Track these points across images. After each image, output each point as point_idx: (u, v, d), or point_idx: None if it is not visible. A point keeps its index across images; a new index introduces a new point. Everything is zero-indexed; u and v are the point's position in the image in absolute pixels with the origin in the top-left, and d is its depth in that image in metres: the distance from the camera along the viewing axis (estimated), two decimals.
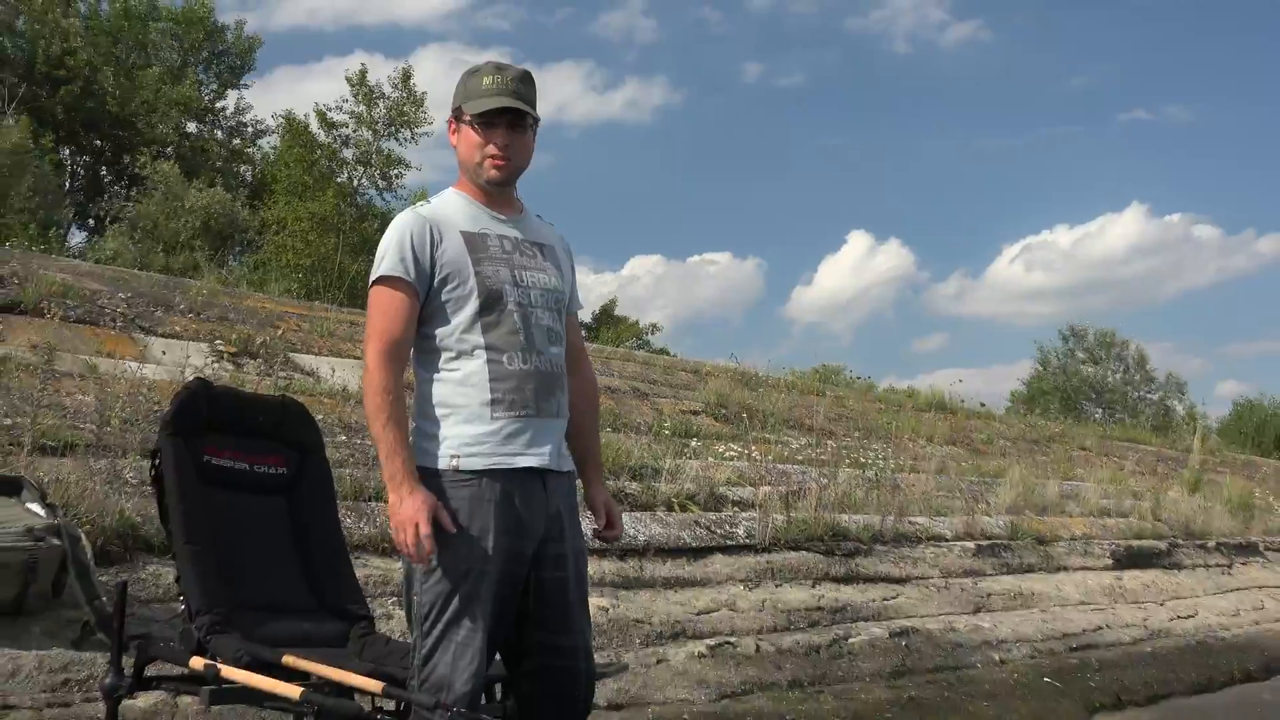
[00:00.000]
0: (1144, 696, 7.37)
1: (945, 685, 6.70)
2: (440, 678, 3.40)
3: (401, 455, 3.37)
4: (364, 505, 6.28)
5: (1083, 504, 12.54)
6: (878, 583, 8.17)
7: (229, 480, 4.12)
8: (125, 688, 3.86)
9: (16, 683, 4.22)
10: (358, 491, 6.44)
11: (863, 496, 9.71)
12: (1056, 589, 9.31)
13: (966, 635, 7.65)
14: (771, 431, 12.68)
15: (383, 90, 32.44)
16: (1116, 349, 52.81)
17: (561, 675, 3.61)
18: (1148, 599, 9.81)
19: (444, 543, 3.43)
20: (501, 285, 3.53)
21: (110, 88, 34.36)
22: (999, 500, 11.33)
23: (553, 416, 3.60)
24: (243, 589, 3.93)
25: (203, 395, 4.12)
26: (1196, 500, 13.63)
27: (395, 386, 3.44)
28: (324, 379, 9.50)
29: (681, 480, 8.65)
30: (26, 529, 4.46)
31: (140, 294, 11.02)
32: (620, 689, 5.55)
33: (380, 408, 3.39)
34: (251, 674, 3.48)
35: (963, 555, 9.23)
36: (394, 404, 3.41)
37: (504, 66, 3.62)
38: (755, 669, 6.26)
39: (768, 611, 7.06)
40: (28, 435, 5.97)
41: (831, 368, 23.79)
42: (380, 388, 3.41)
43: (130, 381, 7.55)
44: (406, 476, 3.36)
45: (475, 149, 3.58)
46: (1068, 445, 18.88)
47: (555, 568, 3.58)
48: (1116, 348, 52.80)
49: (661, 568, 7.15)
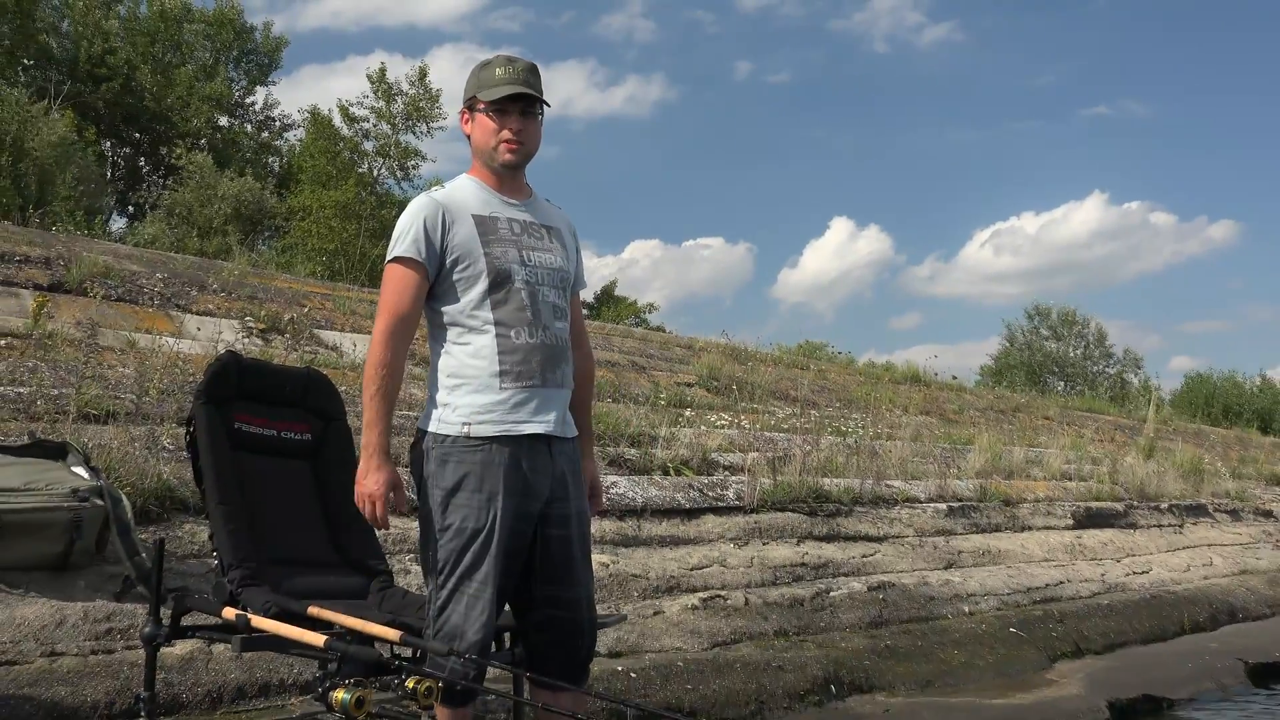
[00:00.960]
0: (1101, 645, 7.39)
1: (919, 635, 6.71)
2: (454, 627, 3.41)
3: (379, 428, 3.41)
4: None
5: (1046, 469, 12.55)
6: (857, 541, 8.18)
7: (258, 445, 4.12)
8: (163, 636, 3.88)
9: (63, 631, 4.23)
10: None
11: (843, 462, 9.71)
12: (1021, 547, 9.33)
13: (939, 589, 7.66)
14: (759, 402, 12.67)
15: (401, 87, 32.57)
16: (1078, 327, 52.81)
17: (566, 625, 3.62)
18: (1105, 556, 9.83)
19: (457, 503, 3.44)
20: (510, 265, 3.52)
21: (148, 84, 34.35)
22: (969, 465, 11.34)
23: (557, 387, 3.60)
24: (271, 545, 3.92)
25: (233, 367, 4.11)
26: (1151, 465, 13.64)
27: (394, 362, 3.45)
28: (346, 353, 9.49)
29: (676, 447, 8.65)
30: (72, 490, 4.47)
31: (176, 275, 11.00)
32: (620, 638, 5.56)
33: (372, 379, 3.42)
34: (279, 623, 3.49)
35: (935, 516, 9.24)
36: (387, 379, 3.42)
37: (514, 59, 3.61)
38: (744, 620, 6.26)
39: (755, 567, 7.06)
40: (73, 404, 5.99)
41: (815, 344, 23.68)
42: (378, 362, 3.43)
43: (167, 355, 7.53)
44: (378, 450, 3.41)
45: (490, 134, 3.58)
46: (1032, 415, 18.91)
47: (560, 526, 3.58)
48: (1078, 325, 52.80)
49: (658, 527, 7.15)
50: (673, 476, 8.09)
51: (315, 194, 30.52)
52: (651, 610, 6.04)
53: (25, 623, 4.20)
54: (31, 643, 4.13)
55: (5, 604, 4.27)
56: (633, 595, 6.18)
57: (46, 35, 32.98)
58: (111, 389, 6.55)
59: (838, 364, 20.70)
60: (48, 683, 3.88)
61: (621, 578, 6.29)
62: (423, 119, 32.76)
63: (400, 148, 32.94)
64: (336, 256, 26.03)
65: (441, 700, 3.33)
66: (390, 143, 32.96)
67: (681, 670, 5.32)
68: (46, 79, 31.16)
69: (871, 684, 5.84)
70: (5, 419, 5.74)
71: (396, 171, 33.32)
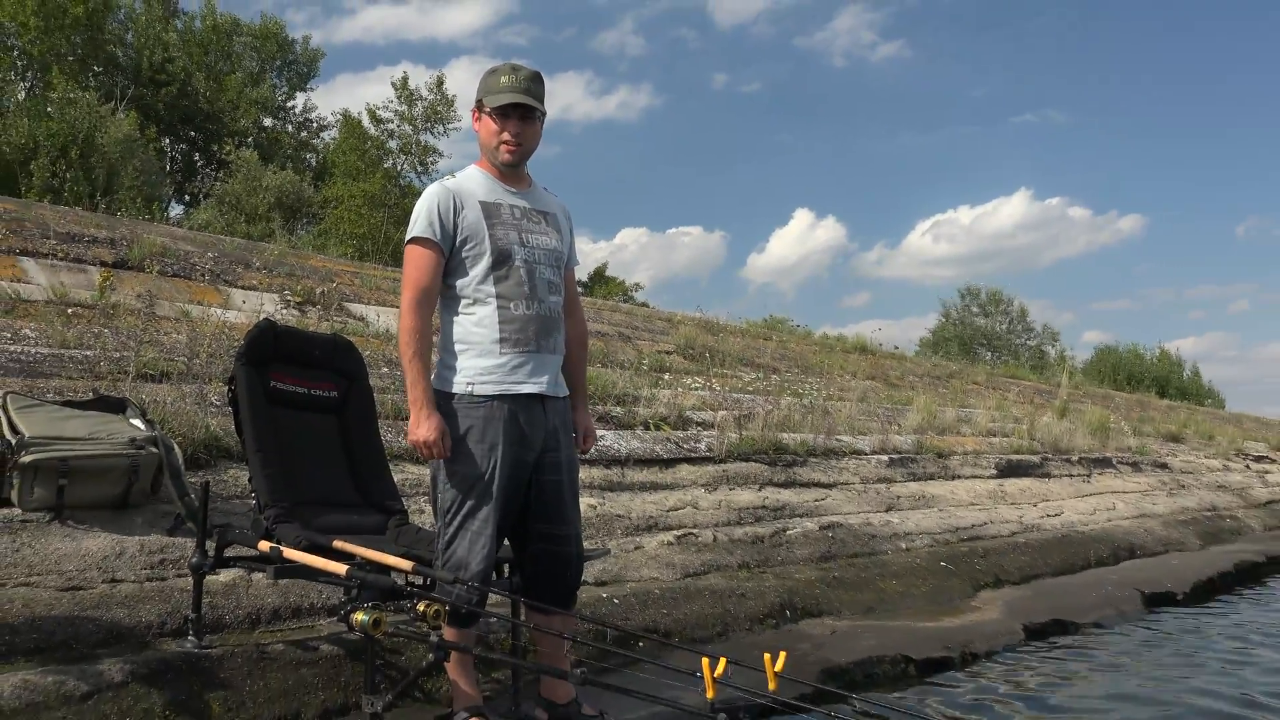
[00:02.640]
0: (1018, 577, 7.42)
1: (862, 567, 6.73)
2: (459, 559, 3.41)
3: (422, 384, 3.41)
4: (401, 423, 6.22)
5: (974, 426, 12.60)
6: (810, 487, 8.19)
7: (291, 401, 4.09)
8: (209, 566, 3.89)
9: (122, 561, 4.20)
10: (396, 412, 6.40)
11: (800, 419, 9.72)
12: (951, 493, 9.35)
13: (880, 529, 7.67)
14: (728, 368, 12.68)
15: (421, 93, 32.73)
16: (1003, 305, 52.95)
17: (557, 558, 3.62)
18: (1023, 501, 9.86)
19: (462, 452, 3.45)
20: (511, 246, 3.52)
21: (202, 89, 34.33)
22: (907, 423, 11.37)
23: (551, 352, 3.59)
24: (301, 488, 3.90)
25: (270, 333, 4.08)
26: (1064, 424, 13.69)
27: (423, 328, 3.45)
28: (371, 323, 9.45)
29: (656, 405, 8.64)
30: (130, 439, 4.45)
31: (225, 254, 10.93)
32: (605, 569, 5.56)
33: (408, 344, 3.42)
34: (308, 555, 3.48)
35: (878, 466, 9.26)
36: (420, 341, 3.42)
37: (518, 67, 3.58)
38: (712, 554, 6.27)
39: (723, 509, 7.07)
40: (133, 365, 5.96)
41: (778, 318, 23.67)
42: (410, 329, 3.43)
43: (215, 324, 7.48)
44: (425, 402, 3.41)
45: (493, 135, 3.56)
46: (963, 380, 18.95)
47: (552, 472, 3.59)
48: (1003, 304, 52.93)
49: (639, 474, 7.14)
50: (653, 431, 8.09)
51: (346, 186, 30.60)
52: (633, 546, 6.04)
53: (89, 554, 4.18)
54: (95, 571, 4.10)
55: (73, 537, 4.24)
56: (616, 533, 6.17)
57: (114, 46, 32.90)
58: (166, 352, 6.51)
59: (797, 336, 20.72)
60: (108, 605, 3.86)
61: (607, 518, 6.29)
62: (440, 121, 33.02)
63: (420, 146, 33.16)
64: (364, 240, 26.17)
65: (448, 621, 3.35)
66: (411, 141, 33.11)
67: (658, 597, 5.32)
68: (113, 84, 31.06)
69: (821, 609, 5.85)
70: (74, 377, 5.69)
71: (417, 166, 33.44)
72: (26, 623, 3.62)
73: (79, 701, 3.26)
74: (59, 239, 9.17)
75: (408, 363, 3.41)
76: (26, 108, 23.87)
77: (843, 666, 4.81)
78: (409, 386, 3.42)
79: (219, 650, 3.74)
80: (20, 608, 3.70)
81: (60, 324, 6.59)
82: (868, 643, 5.22)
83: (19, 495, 4.24)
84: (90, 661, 3.47)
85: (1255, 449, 18.86)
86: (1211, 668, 5.48)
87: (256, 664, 3.72)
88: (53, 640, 3.58)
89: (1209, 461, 15.83)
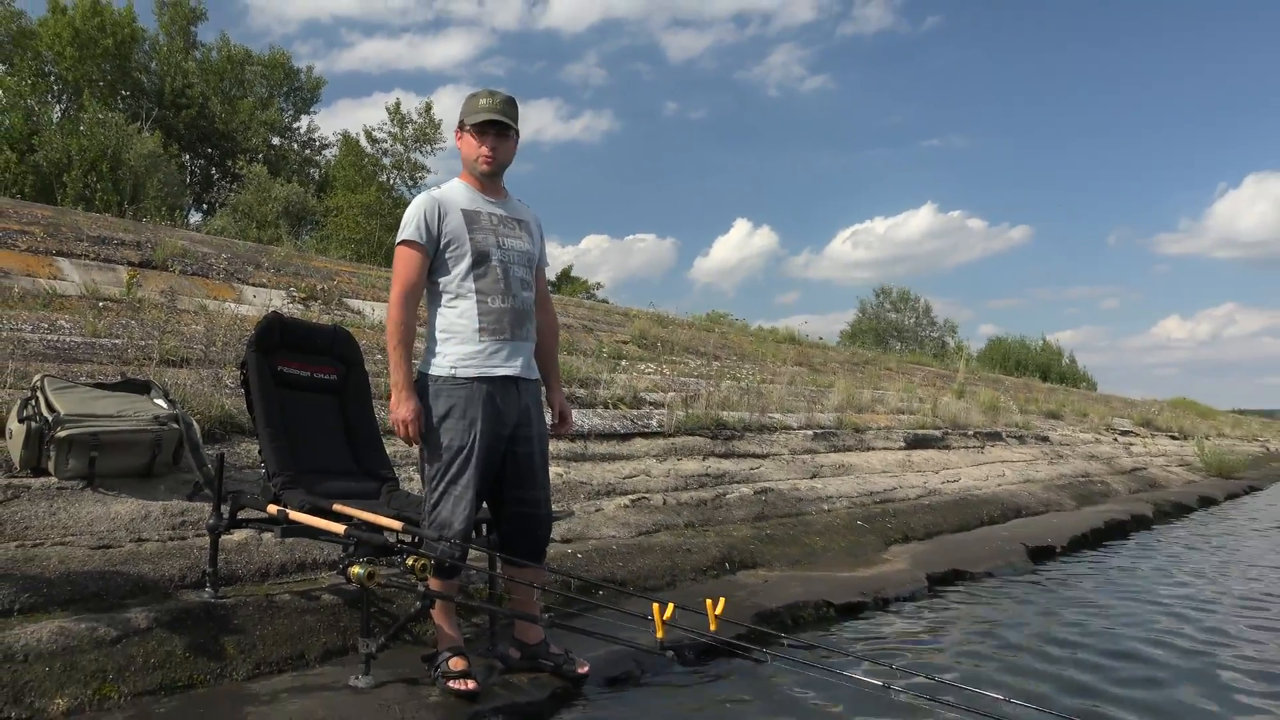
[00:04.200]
0: (923, 533, 7.50)
1: (791, 526, 6.76)
2: (443, 520, 3.40)
3: (404, 370, 3.41)
4: None
5: (886, 405, 12.70)
6: (747, 458, 8.22)
7: (296, 383, 4.04)
8: (223, 527, 3.84)
9: (147, 523, 4.14)
10: (389, 394, 6.32)
11: (738, 400, 9.75)
12: (866, 462, 9.43)
13: (806, 493, 7.72)
14: (677, 356, 12.68)
15: (411, 117, 32.57)
16: (912, 302, 53.44)
17: (529, 519, 3.62)
18: (927, 469, 9.97)
19: (446, 427, 3.43)
20: (489, 248, 3.50)
21: (218, 112, 33.90)
22: (829, 402, 11.44)
23: (524, 340, 3.58)
24: (305, 459, 3.86)
25: (277, 324, 4.03)
26: (961, 403, 13.84)
27: (408, 320, 3.44)
28: (367, 316, 9.35)
29: (614, 388, 8.63)
30: (154, 417, 4.37)
31: (238, 256, 10.76)
32: (570, 529, 5.55)
33: (394, 334, 3.42)
34: (311, 517, 3.46)
35: (804, 439, 9.31)
36: (404, 332, 3.42)
37: (495, 92, 3.57)
38: (662, 515, 6.28)
39: (672, 477, 7.07)
40: (156, 352, 5.87)
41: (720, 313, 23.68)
42: (396, 320, 3.42)
43: (229, 316, 7.37)
44: (406, 386, 3.42)
45: (473, 149, 3.55)
46: (877, 367, 19.11)
47: (524, 445, 3.58)
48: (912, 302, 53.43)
49: (599, 447, 7.13)
50: (611, 409, 8.07)
51: (345, 197, 30.34)
52: (594, 508, 6.04)
53: (118, 517, 4.11)
54: (123, 532, 4.04)
55: (104, 502, 4.17)
56: (580, 497, 6.17)
57: (140, 73, 32.46)
58: (186, 341, 6.40)
59: (736, 328, 20.77)
60: (135, 561, 3.80)
61: (572, 484, 6.27)
62: (427, 141, 32.95)
63: (410, 163, 33.06)
64: (361, 244, 25.98)
65: (434, 574, 3.33)
66: (403, 159, 32.99)
67: (615, 552, 5.32)
68: (139, 107, 30.60)
69: (755, 562, 5.88)
70: (104, 363, 5.59)
71: (407, 181, 33.29)
72: (62, 577, 3.56)
73: (109, 645, 3.21)
74: (91, 242, 8.99)
75: (392, 350, 3.40)
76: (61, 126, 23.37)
77: (774, 610, 4.83)
78: (392, 370, 3.41)
79: (233, 600, 3.70)
80: (56, 564, 3.64)
81: (92, 316, 6.46)
82: (795, 590, 5.25)
83: (55, 466, 4.17)
84: (119, 610, 3.42)
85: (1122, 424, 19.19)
86: (1080, 606, 5.57)
87: (266, 612, 3.68)
88: (85, 592, 3.53)
89: (1083, 435, 16.08)
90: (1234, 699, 3.88)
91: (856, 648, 4.48)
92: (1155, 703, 3.80)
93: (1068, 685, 4.01)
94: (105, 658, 3.16)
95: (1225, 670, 4.30)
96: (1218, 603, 5.83)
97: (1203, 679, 4.15)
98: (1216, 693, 3.95)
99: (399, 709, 3.15)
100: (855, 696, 3.59)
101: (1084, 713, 3.57)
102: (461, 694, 3.28)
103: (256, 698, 3.18)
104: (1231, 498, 13.67)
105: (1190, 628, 5.11)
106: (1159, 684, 4.06)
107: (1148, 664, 4.37)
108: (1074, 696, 3.84)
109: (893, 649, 4.52)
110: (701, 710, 3.55)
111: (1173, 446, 18.86)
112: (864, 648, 4.51)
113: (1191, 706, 3.77)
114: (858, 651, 4.38)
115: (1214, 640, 4.85)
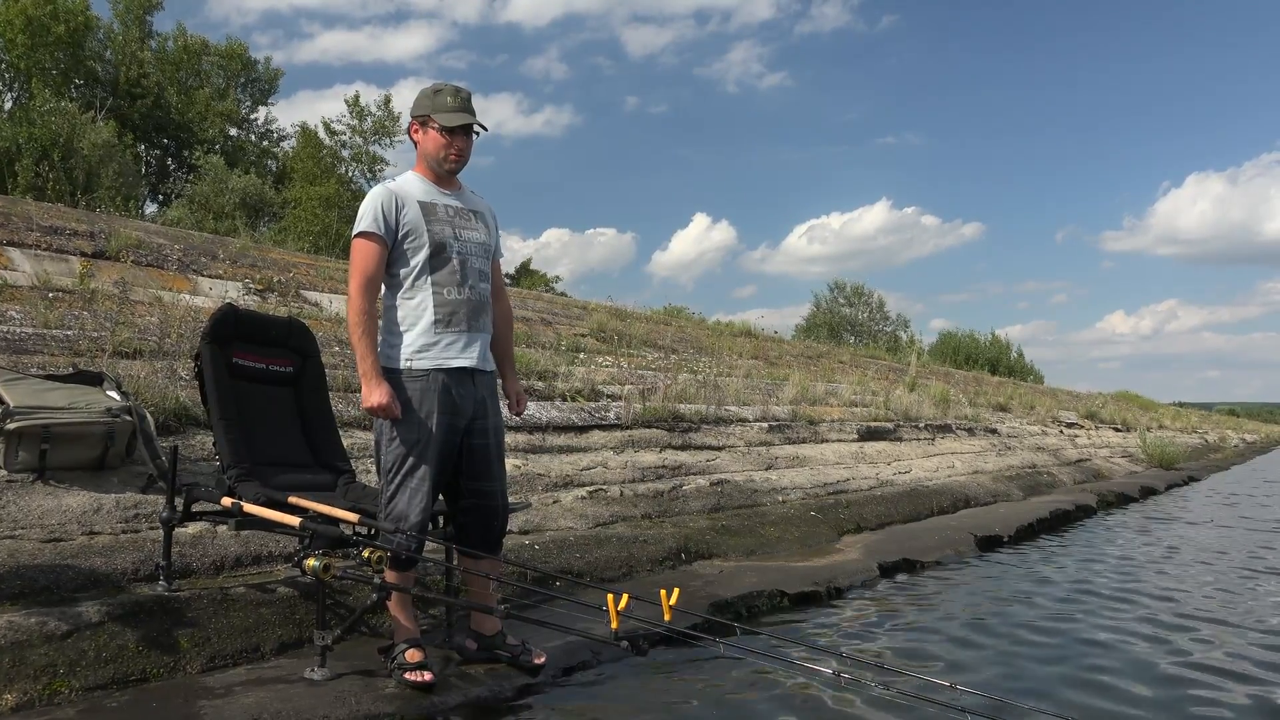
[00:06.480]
0: (875, 523, 7.57)
1: (746, 517, 6.80)
2: (400, 512, 3.37)
3: (370, 358, 3.35)
4: (351, 395, 6.13)
5: (839, 398, 12.80)
6: (703, 450, 8.25)
7: (251, 375, 3.99)
8: (177, 519, 3.78)
9: (100, 516, 4.06)
10: (346, 385, 6.28)
11: (694, 392, 9.78)
12: (820, 454, 9.50)
13: (761, 484, 7.76)
14: (634, 349, 12.68)
15: (371, 110, 32.22)
16: (865, 297, 53.93)
17: (486, 511, 3.60)
18: (880, 460, 10.06)
19: (403, 420, 3.39)
20: (446, 239, 3.48)
21: (174, 102, 33.44)
22: (784, 395, 11.50)
23: (480, 332, 3.56)
24: (260, 450, 3.81)
25: (232, 315, 3.97)
26: (913, 396, 13.99)
27: (369, 309, 3.39)
28: (324, 308, 9.25)
29: (572, 380, 8.62)
30: (106, 409, 4.29)
31: (194, 247, 10.60)
32: (528, 520, 5.53)
33: (357, 324, 3.36)
34: (266, 509, 3.41)
35: (760, 431, 9.36)
36: (367, 321, 3.36)
37: (459, 90, 3.55)
38: (619, 507, 6.28)
39: (629, 469, 7.08)
40: (109, 344, 5.76)
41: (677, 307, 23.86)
42: (358, 310, 3.37)
43: (185, 308, 7.25)
44: (374, 373, 3.35)
45: (441, 147, 3.52)
46: (831, 360, 19.24)
47: (480, 436, 3.56)
48: (865, 296, 53.92)
49: (557, 439, 7.12)
50: (570, 402, 8.06)
51: (304, 189, 30.03)
52: (551, 500, 6.03)
53: (70, 510, 4.03)
54: (75, 525, 3.96)
55: (55, 495, 4.09)
56: (538, 489, 6.15)
57: (93, 62, 31.73)
58: (140, 333, 6.29)
59: (693, 322, 20.82)
60: (87, 555, 3.73)
61: (530, 476, 6.25)
62: (386, 134, 32.64)
63: (369, 155, 32.77)
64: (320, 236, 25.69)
65: (390, 566, 3.31)
66: (362, 151, 32.68)
67: (573, 543, 5.32)
68: (93, 95, 30.04)
69: (711, 552, 5.90)
70: (56, 354, 5.47)
71: (366, 173, 33.03)
72: (11, 571, 3.48)
73: (59, 640, 3.15)
74: (43, 231, 8.80)
75: (357, 340, 3.35)
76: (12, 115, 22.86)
77: (729, 600, 4.86)
78: (359, 360, 3.36)
79: (187, 593, 3.64)
80: (6, 557, 3.56)
81: (43, 307, 6.32)
82: (750, 580, 5.28)
83: (5, 458, 4.08)
84: (70, 604, 3.35)
85: (1068, 417, 19.51)
86: (1027, 593, 5.65)
87: (220, 604, 3.62)
88: (36, 586, 3.45)
89: (1030, 427, 16.32)
90: (1156, 675, 3.97)
91: (809, 636, 4.52)
92: (1097, 682, 3.87)
93: (1011, 669, 4.08)
94: (56, 652, 3.10)
95: (1153, 646, 4.39)
96: (1154, 589, 5.96)
97: (1130, 658, 4.24)
98: (1139, 671, 4.05)
99: (355, 701, 3.13)
100: (806, 684, 3.61)
101: (1025, 693, 3.63)
102: (418, 685, 3.26)
103: (211, 691, 3.14)
104: (1172, 488, 13.98)
105: (1128, 612, 5.22)
106: (1099, 669, 4.14)
107: (1088, 646, 4.46)
108: (1017, 680, 3.90)
109: (844, 637, 4.57)
110: (655, 698, 3.56)
111: (1116, 438, 19.21)
112: (816, 636, 4.54)
113: (1113, 686, 3.85)
114: (810, 640, 4.41)
115: (1150, 623, 4.95)
